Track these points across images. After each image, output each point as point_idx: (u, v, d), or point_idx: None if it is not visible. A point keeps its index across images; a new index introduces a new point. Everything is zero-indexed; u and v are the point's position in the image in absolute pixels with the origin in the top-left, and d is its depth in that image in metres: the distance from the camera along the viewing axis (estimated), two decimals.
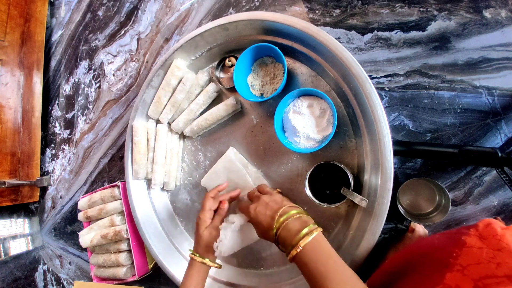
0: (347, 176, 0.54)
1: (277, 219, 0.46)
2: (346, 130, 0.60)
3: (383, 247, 0.59)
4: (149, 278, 0.81)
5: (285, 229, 0.45)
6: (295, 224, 0.45)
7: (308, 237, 0.42)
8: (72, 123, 1.04)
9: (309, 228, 0.44)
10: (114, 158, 0.94)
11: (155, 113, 0.74)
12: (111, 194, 0.82)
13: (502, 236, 0.33)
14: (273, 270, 0.66)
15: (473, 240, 0.35)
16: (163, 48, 0.88)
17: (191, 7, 0.83)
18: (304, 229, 0.44)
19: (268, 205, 0.50)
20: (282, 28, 0.60)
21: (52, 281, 1.06)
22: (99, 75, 0.99)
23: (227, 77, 0.71)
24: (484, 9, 0.56)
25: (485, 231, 0.35)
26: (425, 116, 0.59)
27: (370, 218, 0.51)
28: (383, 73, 0.61)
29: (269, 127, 0.66)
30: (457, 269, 0.33)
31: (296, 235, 0.43)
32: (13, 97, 1.01)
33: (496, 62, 0.55)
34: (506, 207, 0.54)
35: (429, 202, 0.57)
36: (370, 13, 0.63)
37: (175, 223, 0.77)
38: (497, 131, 0.55)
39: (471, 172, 0.56)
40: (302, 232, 0.43)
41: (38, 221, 1.12)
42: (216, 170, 0.68)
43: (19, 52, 1.03)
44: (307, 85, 0.63)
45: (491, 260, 0.32)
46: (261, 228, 0.49)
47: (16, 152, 1.01)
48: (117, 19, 0.97)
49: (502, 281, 0.30)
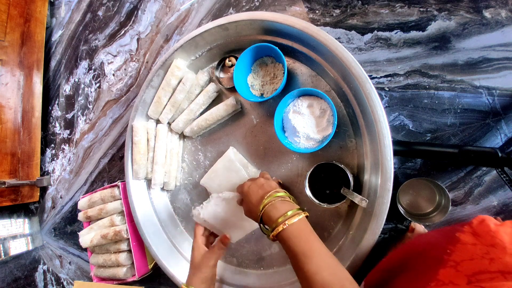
0: (347, 176, 0.54)
1: (266, 197, 0.48)
2: (346, 130, 0.60)
3: (383, 247, 0.59)
4: (149, 278, 0.81)
5: (271, 207, 0.47)
6: (282, 204, 0.47)
7: (295, 218, 0.44)
8: (72, 123, 1.04)
9: (295, 211, 0.46)
10: (114, 158, 0.94)
11: (155, 113, 0.74)
12: (111, 194, 0.82)
13: (496, 232, 0.33)
14: (273, 270, 0.66)
15: (467, 236, 0.35)
16: (163, 48, 0.88)
17: (191, 7, 0.83)
18: (291, 211, 0.46)
19: (263, 186, 0.51)
20: (282, 28, 0.60)
21: (52, 281, 1.06)
22: (99, 75, 0.99)
23: (227, 77, 0.71)
24: (484, 9, 0.56)
25: (479, 227, 0.35)
26: (425, 116, 0.59)
27: (370, 218, 0.51)
28: (383, 73, 0.61)
29: (269, 127, 0.66)
30: (450, 265, 0.34)
31: (283, 214, 0.45)
32: (13, 97, 1.01)
33: (496, 62, 0.55)
34: (506, 207, 0.54)
35: (429, 202, 0.57)
36: (370, 13, 0.63)
37: (175, 223, 0.77)
38: (497, 131, 0.55)
39: (471, 172, 0.56)
40: (288, 213, 0.45)
41: (38, 221, 1.12)
42: (216, 170, 0.68)
43: (19, 52, 1.03)
44: (307, 85, 0.63)
45: (484, 256, 0.32)
46: (249, 204, 0.51)
47: (16, 152, 1.01)
48: (117, 19, 0.97)
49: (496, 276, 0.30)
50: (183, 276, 0.69)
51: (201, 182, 0.70)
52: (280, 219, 0.44)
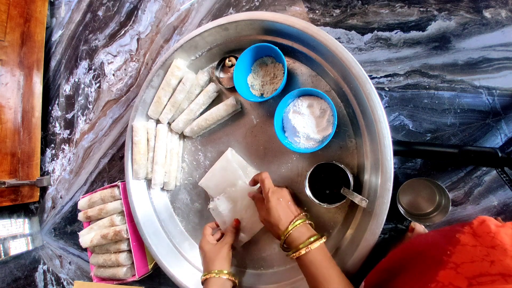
0: (347, 176, 0.54)
1: (294, 221, 0.51)
2: (346, 130, 0.60)
3: (383, 247, 0.59)
4: (149, 278, 0.81)
5: (297, 231, 0.50)
6: (306, 229, 0.51)
7: (318, 242, 0.48)
8: (72, 123, 1.04)
9: (317, 236, 0.50)
10: (114, 158, 0.94)
11: (155, 113, 0.74)
12: (111, 194, 0.82)
13: (496, 234, 0.33)
14: (273, 270, 0.66)
15: (467, 237, 0.35)
16: (163, 48, 0.88)
17: (191, 7, 0.83)
18: (314, 236, 0.50)
19: (291, 207, 0.54)
20: (282, 28, 0.60)
21: (52, 281, 1.06)
22: (99, 75, 0.99)
23: (227, 77, 0.71)
24: (484, 9, 0.56)
25: (479, 228, 0.35)
26: (425, 116, 0.59)
27: (370, 218, 0.51)
28: (383, 73, 0.61)
29: (269, 127, 0.66)
30: (450, 266, 0.33)
31: (307, 238, 0.49)
32: (13, 97, 1.01)
33: (496, 62, 0.55)
34: (506, 207, 0.54)
35: (429, 202, 0.57)
36: (370, 13, 0.63)
37: (175, 223, 0.77)
38: (497, 131, 0.55)
39: (471, 172, 0.56)
40: (312, 237, 0.49)
41: (38, 221, 1.12)
42: (213, 170, 0.68)
43: (19, 52, 1.03)
44: (307, 85, 0.63)
45: (485, 258, 0.32)
46: (271, 219, 0.53)
47: (16, 152, 1.01)
48: (117, 19, 0.97)
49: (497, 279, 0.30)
50: (183, 276, 0.69)
51: (200, 183, 0.70)
52: (304, 244, 0.48)
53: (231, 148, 0.69)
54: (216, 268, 0.57)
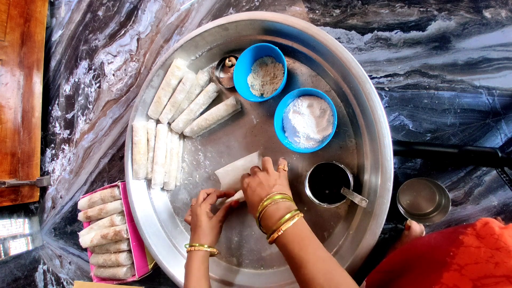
0: (347, 176, 0.54)
1: (263, 202, 0.48)
2: (346, 130, 0.60)
3: (383, 247, 0.59)
4: (149, 278, 0.81)
5: (268, 213, 0.47)
6: (279, 208, 0.47)
7: (289, 222, 0.44)
8: (72, 123, 1.04)
9: (291, 213, 0.46)
10: (114, 158, 0.94)
11: (155, 113, 0.74)
12: (111, 194, 0.82)
13: (500, 235, 0.33)
14: (273, 270, 0.66)
15: (470, 239, 0.35)
16: (163, 48, 0.88)
17: (191, 7, 0.83)
18: (287, 214, 0.45)
19: (261, 185, 0.51)
20: (282, 28, 0.60)
21: (52, 281, 1.06)
22: (99, 75, 0.99)
23: (227, 77, 0.71)
24: (484, 9, 0.56)
25: (482, 230, 0.35)
26: (425, 116, 0.59)
27: (370, 218, 0.51)
28: (383, 73, 0.61)
29: (269, 127, 0.66)
30: (454, 268, 0.33)
31: (279, 219, 0.45)
32: (13, 97, 1.01)
33: (496, 62, 0.55)
34: (506, 207, 0.54)
35: (429, 202, 0.57)
36: (370, 13, 0.63)
37: (175, 223, 0.77)
38: (497, 131, 0.55)
39: (471, 172, 0.56)
40: (284, 218, 0.45)
41: (38, 221, 1.12)
42: (234, 166, 0.68)
43: (19, 52, 1.03)
44: (307, 85, 0.63)
45: (489, 260, 0.32)
46: (249, 204, 0.52)
47: (16, 152, 1.01)
48: (117, 19, 0.97)
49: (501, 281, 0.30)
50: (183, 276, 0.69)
51: (216, 172, 0.70)
52: (275, 226, 0.45)
53: (259, 152, 0.67)
54: (207, 243, 0.57)
